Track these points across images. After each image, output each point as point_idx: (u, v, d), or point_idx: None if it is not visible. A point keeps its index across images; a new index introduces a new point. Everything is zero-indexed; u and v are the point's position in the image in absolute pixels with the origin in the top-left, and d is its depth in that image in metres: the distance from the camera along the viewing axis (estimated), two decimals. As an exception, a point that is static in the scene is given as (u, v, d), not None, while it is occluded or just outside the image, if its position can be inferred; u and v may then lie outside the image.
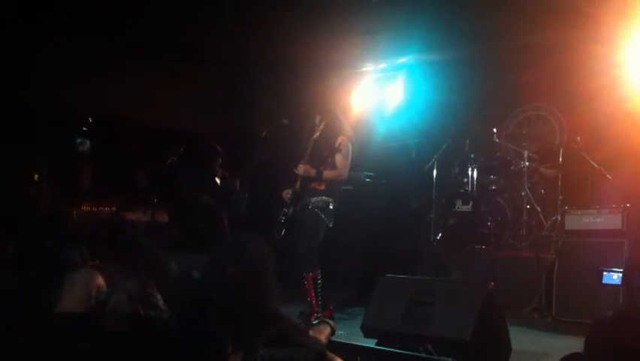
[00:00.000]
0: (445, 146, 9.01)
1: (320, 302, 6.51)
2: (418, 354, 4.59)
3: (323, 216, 6.55)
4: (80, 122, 9.17)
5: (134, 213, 8.58)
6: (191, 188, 8.92)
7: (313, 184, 6.66)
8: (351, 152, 6.69)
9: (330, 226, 6.61)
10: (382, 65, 10.29)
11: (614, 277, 6.21)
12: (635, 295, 6.03)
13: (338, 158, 6.58)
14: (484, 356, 4.49)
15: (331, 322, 3.83)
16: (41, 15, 8.42)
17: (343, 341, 5.10)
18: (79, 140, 9.10)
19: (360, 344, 4.97)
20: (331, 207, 6.58)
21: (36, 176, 8.97)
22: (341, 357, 3.02)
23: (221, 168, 9.02)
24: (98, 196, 8.86)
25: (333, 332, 3.82)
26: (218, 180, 8.92)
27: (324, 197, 6.60)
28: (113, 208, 8.68)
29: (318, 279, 6.51)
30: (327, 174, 6.57)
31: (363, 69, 10.39)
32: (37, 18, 8.49)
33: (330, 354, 2.89)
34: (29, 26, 8.62)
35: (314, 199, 6.58)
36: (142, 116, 10.08)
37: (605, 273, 6.25)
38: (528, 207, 8.21)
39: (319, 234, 6.57)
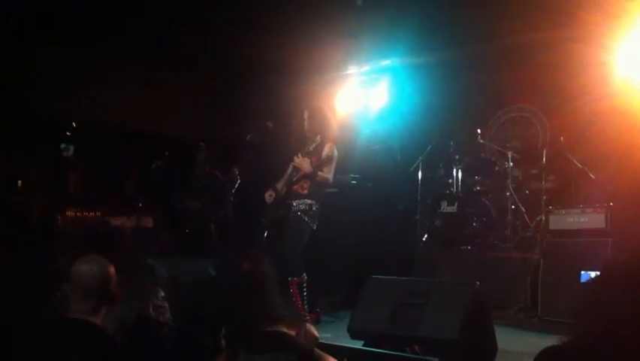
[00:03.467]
0: (429, 147, 9.04)
1: (306, 306, 6.51)
2: (404, 354, 4.61)
3: (307, 219, 6.57)
4: (64, 127, 9.13)
5: (119, 219, 8.56)
6: (176, 193, 8.89)
7: (296, 187, 6.71)
8: (336, 157, 6.75)
9: (314, 228, 6.64)
10: (366, 68, 10.30)
11: (592, 275, 6.24)
12: None
13: (325, 165, 6.65)
14: (471, 356, 4.51)
15: (312, 327, 3.82)
16: (27, 19, 8.38)
17: (330, 342, 5.10)
18: (62, 145, 9.05)
19: (346, 345, 4.97)
20: (314, 208, 6.62)
21: (20, 182, 8.92)
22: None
23: (211, 167, 8.98)
24: (83, 202, 8.81)
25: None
26: (206, 181, 8.86)
27: (307, 200, 6.64)
28: (98, 214, 8.65)
29: (304, 283, 6.52)
30: (320, 175, 6.62)
31: (347, 72, 10.40)
32: (23, 22, 8.46)
33: (318, 352, 2.89)
34: (16, 31, 8.58)
35: (296, 202, 6.62)
36: (128, 121, 10.05)
37: (583, 272, 6.30)
38: (513, 207, 8.25)
39: (303, 237, 6.60)
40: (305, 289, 6.53)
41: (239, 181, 8.47)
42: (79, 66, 9.35)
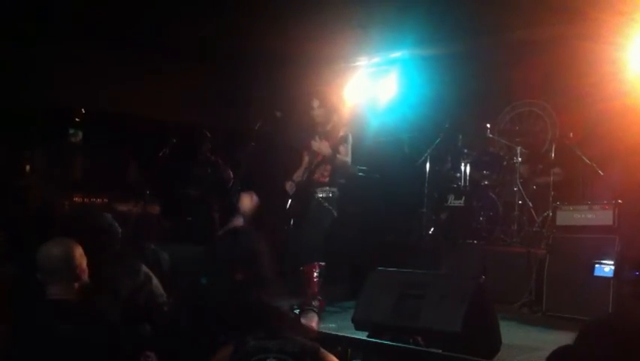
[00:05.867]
0: (437, 141, 9.01)
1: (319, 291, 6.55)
2: (408, 346, 4.61)
3: (329, 206, 6.67)
4: (73, 113, 9.14)
5: (125, 205, 8.56)
6: (179, 181, 8.92)
7: (317, 175, 6.76)
8: (351, 141, 6.81)
9: (335, 215, 6.70)
10: (376, 59, 10.27)
11: (605, 269, 6.21)
12: (625, 289, 6.05)
13: (342, 148, 6.68)
14: (474, 349, 4.50)
15: (315, 319, 3.82)
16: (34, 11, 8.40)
17: (334, 333, 5.12)
18: (71, 131, 9.07)
19: (351, 335, 4.98)
20: (335, 196, 6.70)
21: (27, 167, 8.94)
22: (331, 349, 3.03)
23: (214, 155, 9.01)
24: (90, 188, 8.83)
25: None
26: (209, 170, 8.89)
27: (328, 187, 6.71)
28: (105, 200, 8.66)
29: (322, 270, 6.56)
30: (339, 157, 6.65)
31: (357, 63, 10.36)
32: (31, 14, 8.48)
33: (324, 352, 2.91)
34: (24, 22, 8.61)
35: (319, 190, 6.68)
36: (135, 108, 10.07)
37: (596, 265, 6.25)
38: (520, 202, 8.22)
39: (324, 224, 6.68)
40: (320, 276, 6.57)
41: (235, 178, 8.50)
42: (87, 55, 9.36)
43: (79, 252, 3.54)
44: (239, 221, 4.28)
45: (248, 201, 4.60)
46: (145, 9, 8.39)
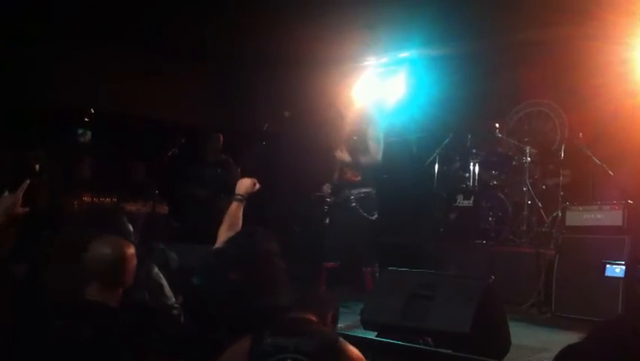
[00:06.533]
0: (446, 141, 9.00)
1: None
2: (417, 346, 4.60)
3: (361, 209, 6.64)
4: (81, 113, 9.15)
5: (134, 205, 8.57)
6: (186, 182, 8.93)
7: (349, 175, 6.71)
8: (380, 138, 6.85)
9: (373, 218, 6.64)
10: (384, 60, 10.25)
11: (616, 270, 6.17)
12: (637, 288, 6.03)
13: (370, 144, 6.65)
14: (483, 350, 4.49)
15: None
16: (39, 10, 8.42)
17: (343, 333, 5.10)
18: (80, 131, 9.07)
19: (359, 335, 4.97)
20: (371, 196, 6.64)
21: (37, 166, 8.95)
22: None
23: (223, 155, 9.02)
24: (99, 187, 8.84)
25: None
26: (219, 170, 8.89)
27: (362, 188, 6.64)
28: (114, 199, 8.66)
29: (377, 272, 6.60)
30: (364, 159, 6.62)
31: (365, 63, 10.35)
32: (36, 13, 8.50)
33: (342, 341, 2.89)
34: (24, 21, 8.63)
35: (354, 192, 6.63)
36: (143, 109, 10.08)
37: (607, 265, 6.22)
38: (529, 202, 8.21)
39: (362, 229, 6.70)
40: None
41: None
42: (87, 55, 9.38)
43: (130, 252, 3.33)
44: (233, 206, 4.14)
45: (248, 185, 4.15)
46: (145, 9, 8.39)
